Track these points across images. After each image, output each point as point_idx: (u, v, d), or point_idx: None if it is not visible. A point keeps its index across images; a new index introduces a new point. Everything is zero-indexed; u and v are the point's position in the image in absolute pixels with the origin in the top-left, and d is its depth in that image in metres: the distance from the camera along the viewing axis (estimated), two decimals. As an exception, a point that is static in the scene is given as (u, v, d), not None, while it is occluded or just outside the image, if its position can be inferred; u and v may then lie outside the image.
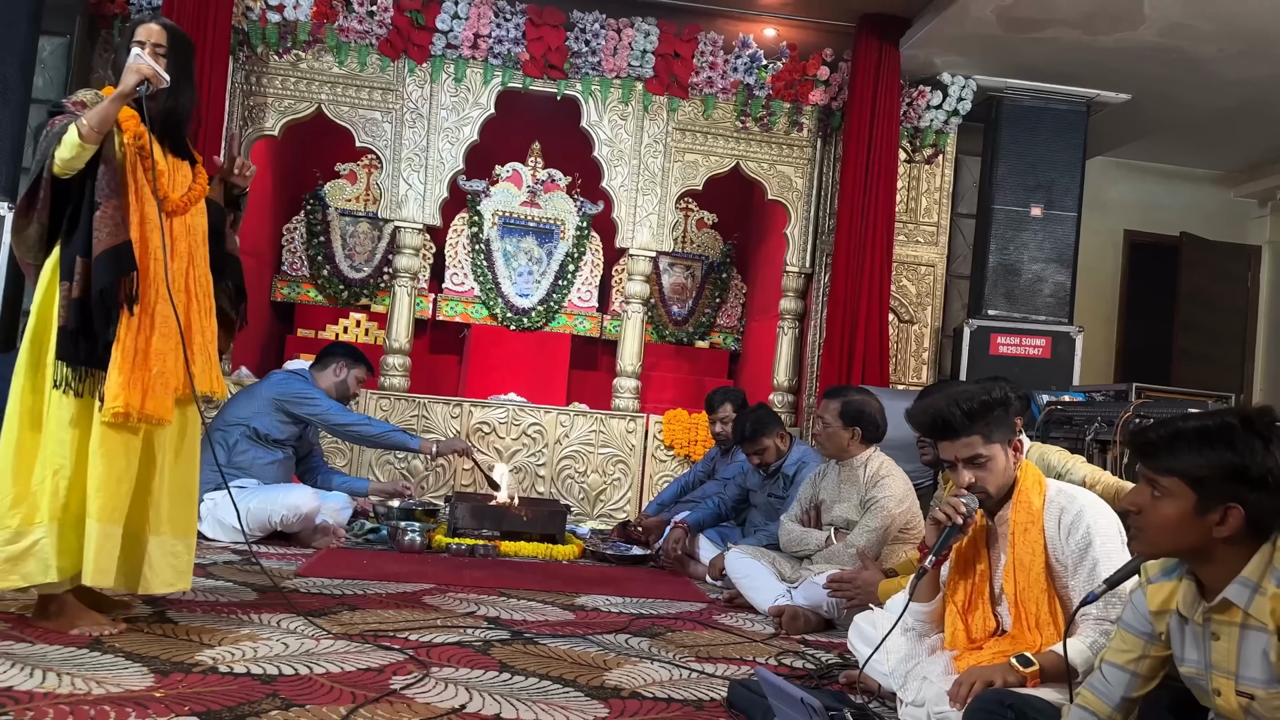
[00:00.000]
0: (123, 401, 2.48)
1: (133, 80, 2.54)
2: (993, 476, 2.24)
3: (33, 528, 2.49)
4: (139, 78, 2.55)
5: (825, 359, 5.80)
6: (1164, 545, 1.69)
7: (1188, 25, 5.10)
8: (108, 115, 2.53)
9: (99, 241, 2.50)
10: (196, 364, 2.68)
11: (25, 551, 2.48)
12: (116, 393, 2.49)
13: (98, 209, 2.53)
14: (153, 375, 2.56)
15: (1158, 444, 1.69)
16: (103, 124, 2.52)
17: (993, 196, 6.01)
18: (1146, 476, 1.70)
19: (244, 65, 5.65)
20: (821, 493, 3.72)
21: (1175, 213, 7.85)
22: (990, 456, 2.24)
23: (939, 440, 2.30)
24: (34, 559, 2.48)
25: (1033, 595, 2.17)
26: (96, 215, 2.52)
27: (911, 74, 5.96)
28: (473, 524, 4.61)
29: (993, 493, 2.25)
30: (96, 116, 2.51)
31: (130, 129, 2.60)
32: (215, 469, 3.92)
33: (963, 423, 2.23)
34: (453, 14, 5.61)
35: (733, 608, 3.66)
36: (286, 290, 6.75)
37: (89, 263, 2.51)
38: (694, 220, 7.31)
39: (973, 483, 2.25)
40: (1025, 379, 5.26)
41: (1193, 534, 1.64)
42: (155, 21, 2.72)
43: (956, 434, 2.25)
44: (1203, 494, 1.63)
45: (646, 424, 5.89)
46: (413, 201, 5.80)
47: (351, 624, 2.88)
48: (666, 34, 5.81)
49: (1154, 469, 1.69)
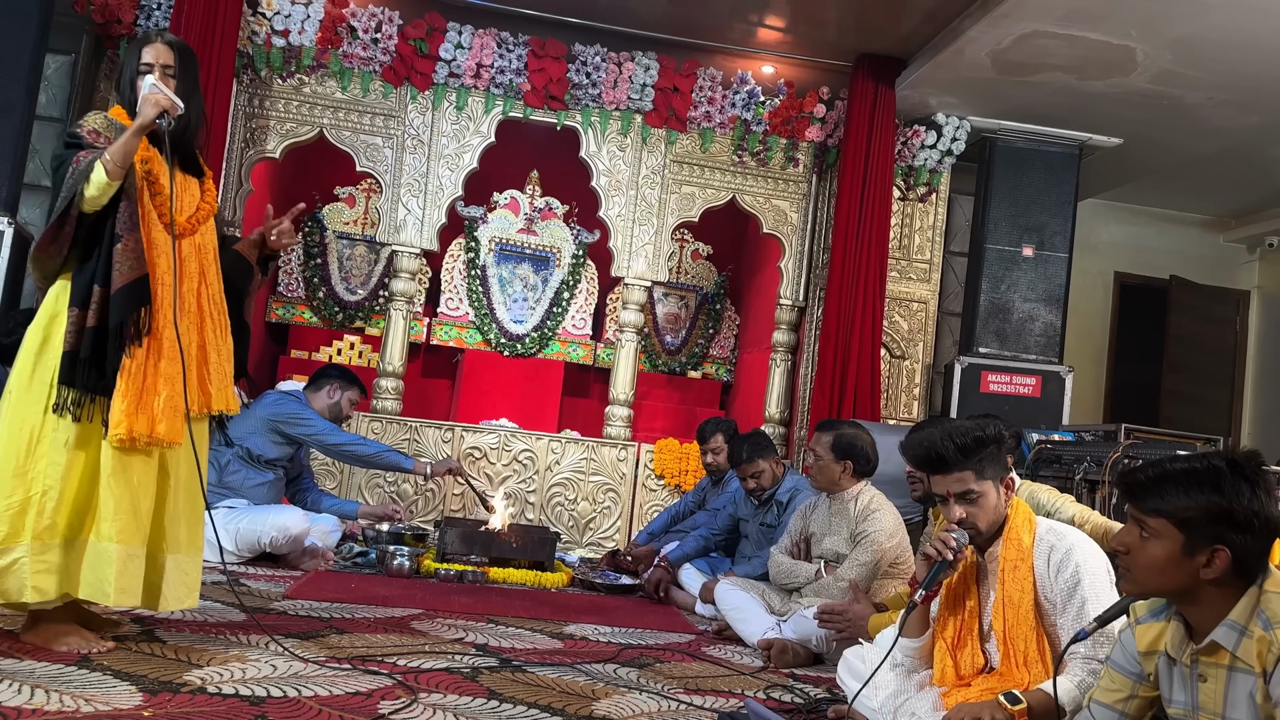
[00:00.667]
0: (126, 428, 2.49)
1: (152, 113, 2.56)
2: (983, 513, 2.26)
3: (14, 546, 2.48)
4: (158, 110, 2.56)
5: (817, 392, 5.83)
6: (1152, 586, 1.71)
7: (1178, 73, 5.20)
8: (130, 150, 2.54)
9: (120, 275, 2.52)
10: (213, 382, 2.69)
11: (4, 569, 2.47)
12: (120, 419, 2.49)
13: (119, 241, 2.54)
14: (163, 400, 2.56)
15: (1146, 485, 1.71)
16: (126, 159, 2.54)
17: (985, 236, 6.08)
18: (1135, 517, 1.73)
19: (247, 88, 5.69)
20: (812, 525, 3.74)
21: (1165, 255, 7.94)
22: (981, 493, 2.26)
23: (931, 474, 2.32)
24: (12, 576, 2.47)
25: (1021, 633, 2.18)
26: (117, 249, 2.53)
27: (906, 113, 6.05)
28: (462, 549, 4.60)
29: (982, 529, 2.27)
30: (120, 152, 2.52)
31: (138, 153, 2.61)
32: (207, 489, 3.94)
33: (955, 457, 2.25)
34: (456, 44, 5.68)
35: (721, 639, 3.66)
36: (281, 311, 6.77)
37: (107, 293, 2.51)
38: (689, 251, 7.36)
39: (963, 518, 2.27)
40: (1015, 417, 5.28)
41: (1180, 575, 1.66)
42: (161, 41, 2.72)
43: (949, 468, 2.26)
44: (1190, 535, 1.65)
45: (638, 453, 5.91)
46: (411, 226, 5.84)
47: (339, 647, 2.87)
48: (666, 69, 5.89)
49: (1142, 510, 1.71)
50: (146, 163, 2.64)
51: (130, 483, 2.54)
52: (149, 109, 2.56)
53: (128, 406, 2.50)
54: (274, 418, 4.46)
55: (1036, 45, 5.04)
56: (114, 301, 2.51)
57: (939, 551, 2.24)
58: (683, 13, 5.64)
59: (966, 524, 2.27)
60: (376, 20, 5.63)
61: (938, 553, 2.24)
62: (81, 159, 2.53)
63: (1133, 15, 4.65)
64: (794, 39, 5.85)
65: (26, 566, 2.47)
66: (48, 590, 2.49)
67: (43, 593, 2.48)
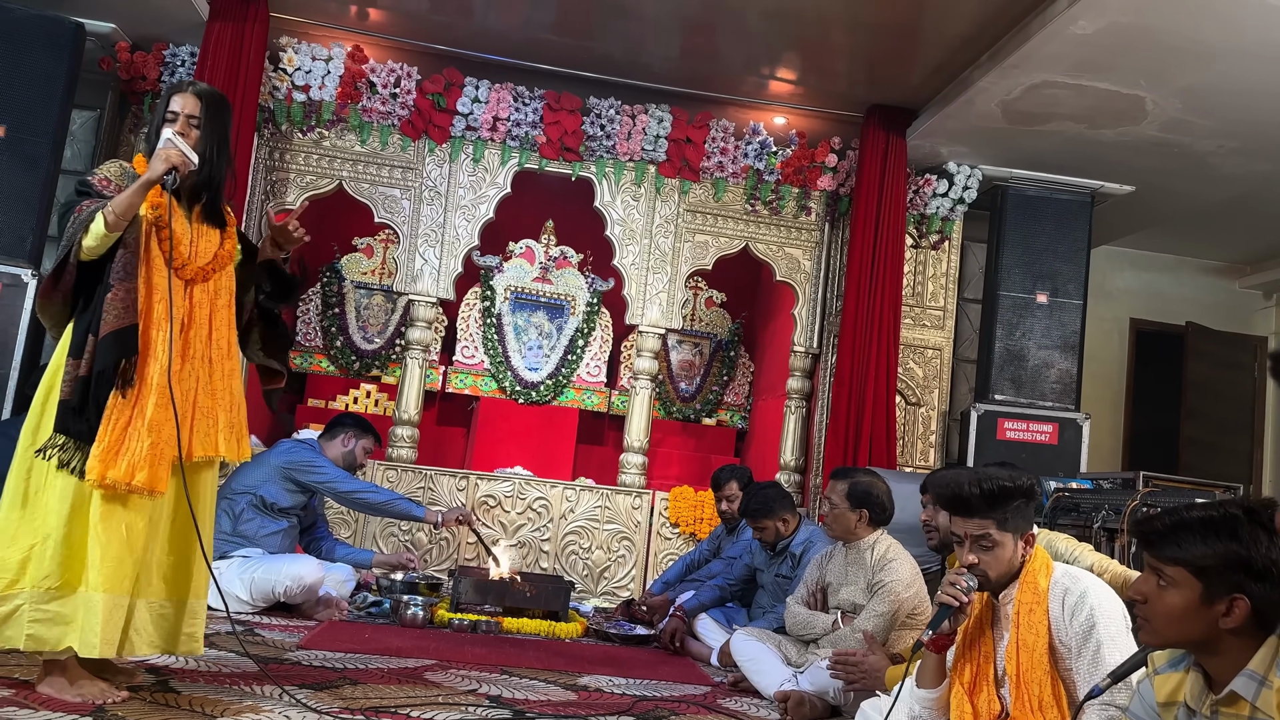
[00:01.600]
0: (98, 474, 2.48)
1: (160, 169, 2.58)
2: (995, 563, 2.26)
3: (16, 593, 2.50)
4: (167, 166, 2.58)
5: (831, 439, 5.82)
6: (1170, 635, 1.70)
7: (1188, 121, 5.24)
8: (134, 204, 2.56)
9: (106, 323, 2.53)
10: (221, 432, 2.71)
11: (6, 616, 2.49)
12: (94, 464, 2.49)
13: (110, 290, 2.55)
14: (147, 447, 2.54)
15: (1163, 533, 1.70)
16: (128, 212, 2.56)
17: (999, 282, 6.09)
18: (1152, 566, 1.72)
19: (268, 141, 5.81)
20: (828, 575, 3.71)
21: (1180, 302, 7.92)
22: (999, 543, 2.26)
23: (954, 514, 2.33)
24: (13, 624, 2.49)
25: (1035, 677, 2.16)
26: (108, 297, 2.55)
27: (918, 162, 6.10)
28: (476, 599, 4.58)
29: (992, 578, 2.27)
30: (123, 205, 2.54)
31: (150, 198, 2.64)
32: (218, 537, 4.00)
33: (979, 504, 2.25)
34: (473, 98, 5.79)
35: (737, 691, 3.62)
36: (299, 360, 6.83)
37: (96, 341, 2.53)
38: (703, 299, 7.40)
39: (973, 564, 2.27)
40: (1032, 465, 5.26)
41: (1199, 624, 1.65)
42: (191, 90, 2.73)
43: (972, 513, 2.27)
44: (1208, 584, 1.64)
45: (652, 500, 5.89)
46: (428, 276, 5.90)
47: (353, 698, 2.86)
48: (679, 120, 5.97)
49: (1159, 558, 1.70)
50: (157, 209, 2.65)
51: (118, 530, 2.53)
52: (158, 164, 2.59)
53: (103, 452, 2.50)
54: (287, 465, 4.48)
55: (1046, 95, 5.10)
56: (99, 348, 2.52)
57: (954, 598, 2.24)
58: (695, 66, 5.74)
59: (976, 570, 2.27)
60: (395, 76, 5.75)
61: (953, 599, 2.24)
62: (84, 208, 2.56)
63: (1141, 65, 4.71)
64: (805, 91, 5.93)
65: (26, 614, 2.48)
66: (45, 639, 2.49)
67: (40, 641, 2.49)
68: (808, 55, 5.50)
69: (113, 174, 2.68)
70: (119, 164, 2.73)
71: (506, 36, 5.65)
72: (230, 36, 5.32)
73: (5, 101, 4.89)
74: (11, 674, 2.65)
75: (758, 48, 5.47)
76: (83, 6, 5.18)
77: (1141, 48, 4.53)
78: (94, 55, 5.42)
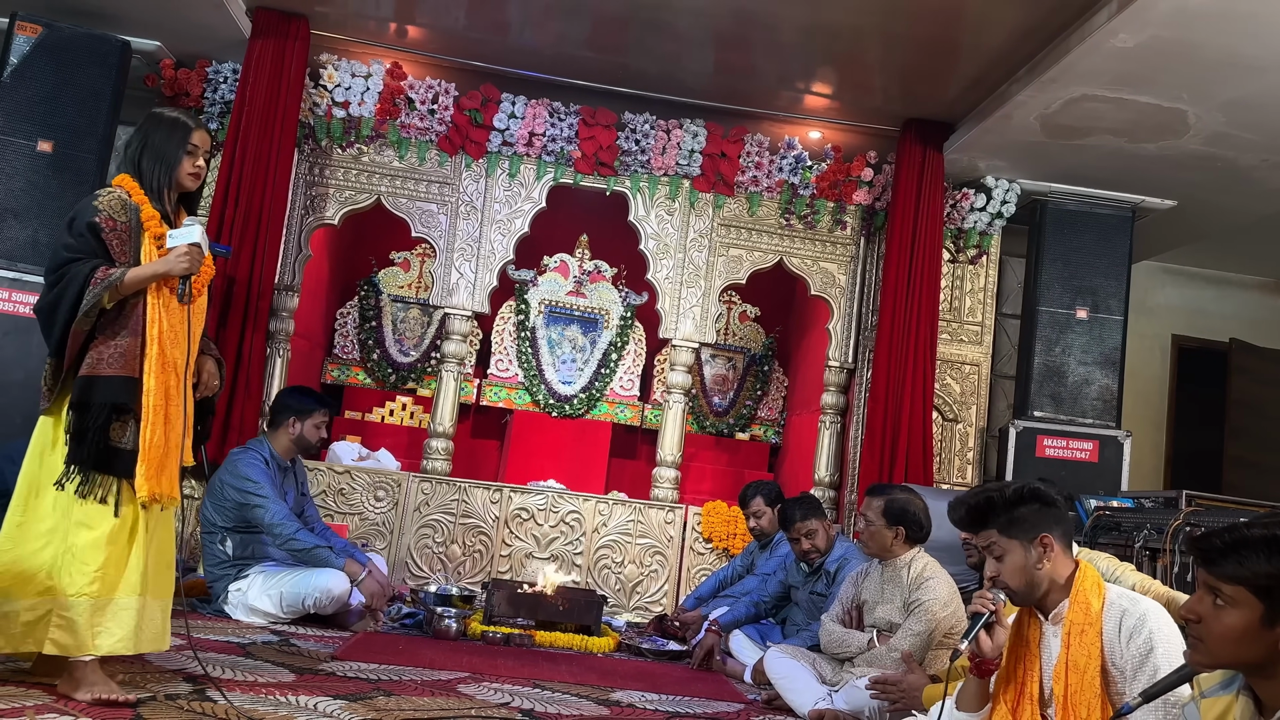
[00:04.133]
0: (148, 491, 2.65)
1: (180, 272, 2.72)
2: (1007, 571, 2.28)
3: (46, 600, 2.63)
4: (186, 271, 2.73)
5: (866, 455, 5.76)
6: (1224, 657, 1.64)
7: (1231, 135, 5.16)
8: (146, 283, 2.70)
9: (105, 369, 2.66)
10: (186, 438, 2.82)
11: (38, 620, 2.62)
12: (141, 483, 2.64)
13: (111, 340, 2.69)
14: (171, 464, 2.73)
15: (1223, 550, 1.64)
16: (136, 289, 2.70)
17: (1038, 298, 6.01)
18: (1208, 584, 1.66)
19: (308, 157, 5.89)
20: (864, 593, 3.67)
21: (1224, 319, 7.78)
22: (1005, 550, 2.28)
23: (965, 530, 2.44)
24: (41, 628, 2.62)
25: (1084, 699, 2.12)
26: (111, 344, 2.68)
27: (955, 176, 6.06)
28: (509, 612, 4.58)
29: (1013, 588, 2.27)
30: (134, 285, 2.68)
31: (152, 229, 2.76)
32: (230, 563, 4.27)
33: (974, 518, 2.33)
34: (510, 113, 5.84)
35: (771, 709, 3.59)
36: (336, 373, 6.90)
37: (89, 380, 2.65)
38: (736, 313, 7.39)
39: (993, 576, 2.30)
40: (1072, 483, 5.18)
41: (1257, 646, 1.59)
42: (205, 129, 2.89)
43: (972, 527, 2.34)
44: (1271, 604, 1.58)
45: (685, 515, 5.87)
46: (463, 289, 5.95)
47: (387, 710, 2.87)
48: (714, 135, 5.98)
49: (1217, 576, 1.64)
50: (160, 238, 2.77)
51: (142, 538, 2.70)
52: (180, 266, 2.72)
53: (148, 471, 2.65)
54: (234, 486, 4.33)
55: (1086, 109, 5.04)
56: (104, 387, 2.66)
57: (982, 605, 2.27)
58: (730, 82, 5.75)
59: (999, 582, 2.29)
60: (433, 92, 5.82)
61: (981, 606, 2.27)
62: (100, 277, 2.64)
63: (1183, 79, 4.64)
64: (840, 105, 5.91)
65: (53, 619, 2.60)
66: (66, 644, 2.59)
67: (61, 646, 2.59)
68: (843, 69, 5.49)
69: (116, 213, 2.73)
70: (116, 196, 2.76)
71: (542, 53, 5.70)
72: (272, 54, 5.42)
73: (54, 118, 5.00)
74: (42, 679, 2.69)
75: (792, 62, 5.47)
76: (129, 25, 5.29)
77: (1183, 61, 4.47)
78: (139, 72, 5.54)
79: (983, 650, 2.26)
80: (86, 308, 2.62)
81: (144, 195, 2.79)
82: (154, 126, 2.84)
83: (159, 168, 2.80)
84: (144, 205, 2.77)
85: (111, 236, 2.70)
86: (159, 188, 2.81)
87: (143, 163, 2.81)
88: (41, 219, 4.97)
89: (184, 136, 2.81)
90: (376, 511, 5.66)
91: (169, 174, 2.81)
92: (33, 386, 4.76)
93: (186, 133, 2.82)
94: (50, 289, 2.69)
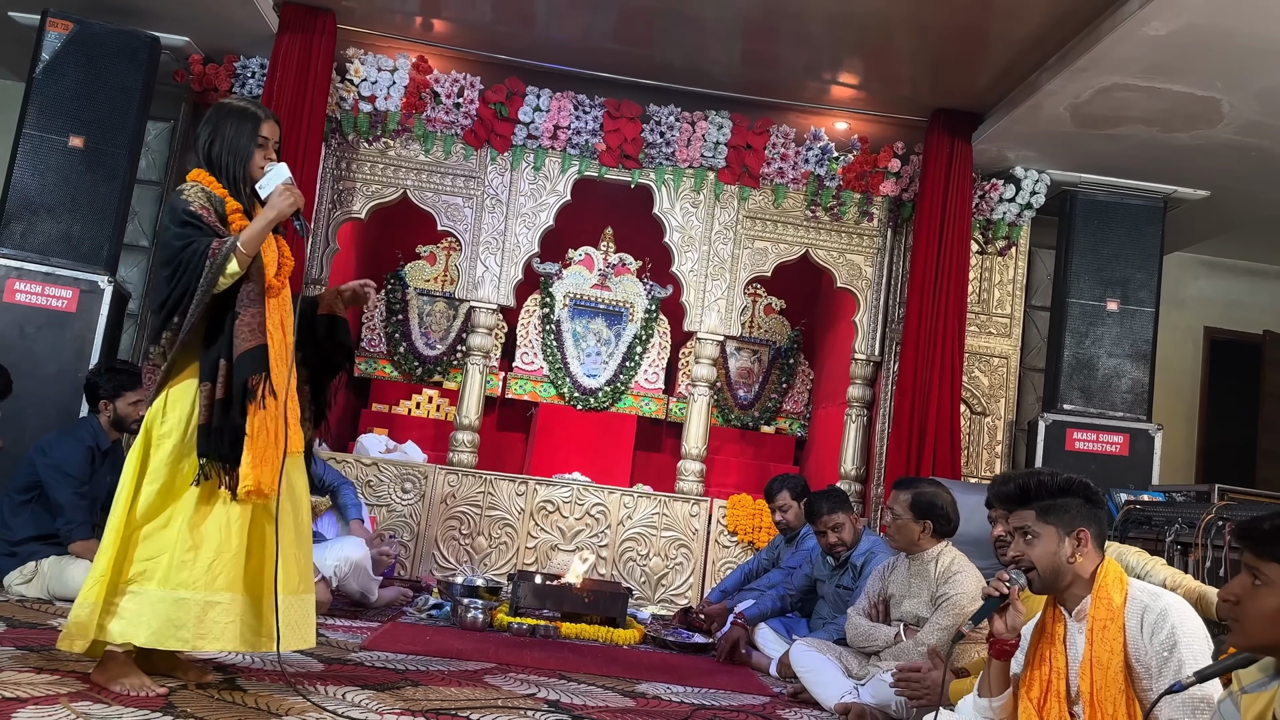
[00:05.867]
0: (253, 480, 2.59)
1: (289, 210, 2.69)
2: (1034, 553, 2.28)
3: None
4: (295, 207, 2.70)
5: (893, 449, 5.73)
6: (1263, 637, 1.62)
7: (1266, 124, 5.07)
8: (262, 238, 2.67)
9: (238, 346, 2.63)
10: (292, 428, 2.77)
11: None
12: (247, 472, 2.60)
13: (238, 317, 2.65)
14: (277, 453, 2.67)
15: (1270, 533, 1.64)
16: (256, 247, 2.67)
17: (1067, 290, 5.94)
18: (1249, 565, 1.65)
19: (335, 151, 5.92)
20: (890, 586, 3.65)
21: (1258, 310, 7.66)
22: (1039, 534, 2.28)
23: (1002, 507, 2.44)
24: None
25: (1110, 695, 2.10)
26: (238, 322, 2.65)
27: (984, 167, 6.00)
28: (534, 603, 4.60)
29: (1040, 575, 2.28)
30: (253, 242, 2.65)
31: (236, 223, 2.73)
32: None
33: (1017, 496, 2.34)
34: (535, 107, 5.84)
35: (797, 703, 3.58)
36: (364, 366, 6.94)
37: (230, 365, 2.63)
38: (762, 306, 7.36)
39: (1018, 556, 2.30)
40: (1102, 476, 5.13)
41: None
42: (273, 119, 2.83)
43: (1011, 505, 2.35)
44: None
45: (710, 508, 5.86)
46: (488, 283, 5.96)
47: (414, 700, 2.89)
48: (739, 126, 5.95)
49: (1260, 555, 1.63)
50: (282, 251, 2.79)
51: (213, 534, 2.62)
52: (287, 205, 2.69)
53: (253, 462, 2.60)
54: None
55: (1117, 98, 4.97)
56: (235, 367, 2.62)
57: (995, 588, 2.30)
58: (755, 73, 5.72)
59: (1023, 562, 2.29)
60: (459, 86, 5.83)
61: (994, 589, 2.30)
62: (218, 250, 2.62)
63: (1216, 67, 4.57)
64: (868, 96, 5.87)
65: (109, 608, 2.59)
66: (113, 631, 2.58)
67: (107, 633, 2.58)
68: (870, 59, 5.45)
69: (203, 201, 2.72)
70: (197, 189, 2.74)
71: (567, 46, 5.69)
72: (299, 48, 5.45)
73: (85, 113, 5.06)
74: (84, 669, 2.73)
75: (819, 53, 5.43)
76: (158, 21, 5.34)
77: (1217, 49, 4.40)
78: (168, 68, 5.59)
79: (995, 630, 2.27)
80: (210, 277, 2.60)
81: (223, 189, 2.76)
82: (223, 118, 2.79)
83: (233, 161, 2.76)
84: (226, 198, 2.75)
85: (210, 222, 2.69)
86: (235, 180, 2.77)
87: (215, 155, 2.78)
88: (74, 214, 5.03)
89: (254, 129, 2.77)
90: (404, 503, 5.70)
91: (243, 167, 2.77)
92: (66, 380, 4.88)
93: (256, 124, 2.77)
94: (170, 279, 2.66)
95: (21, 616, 3.49)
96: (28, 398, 4.61)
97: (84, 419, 4.40)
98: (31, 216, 5.00)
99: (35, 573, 3.97)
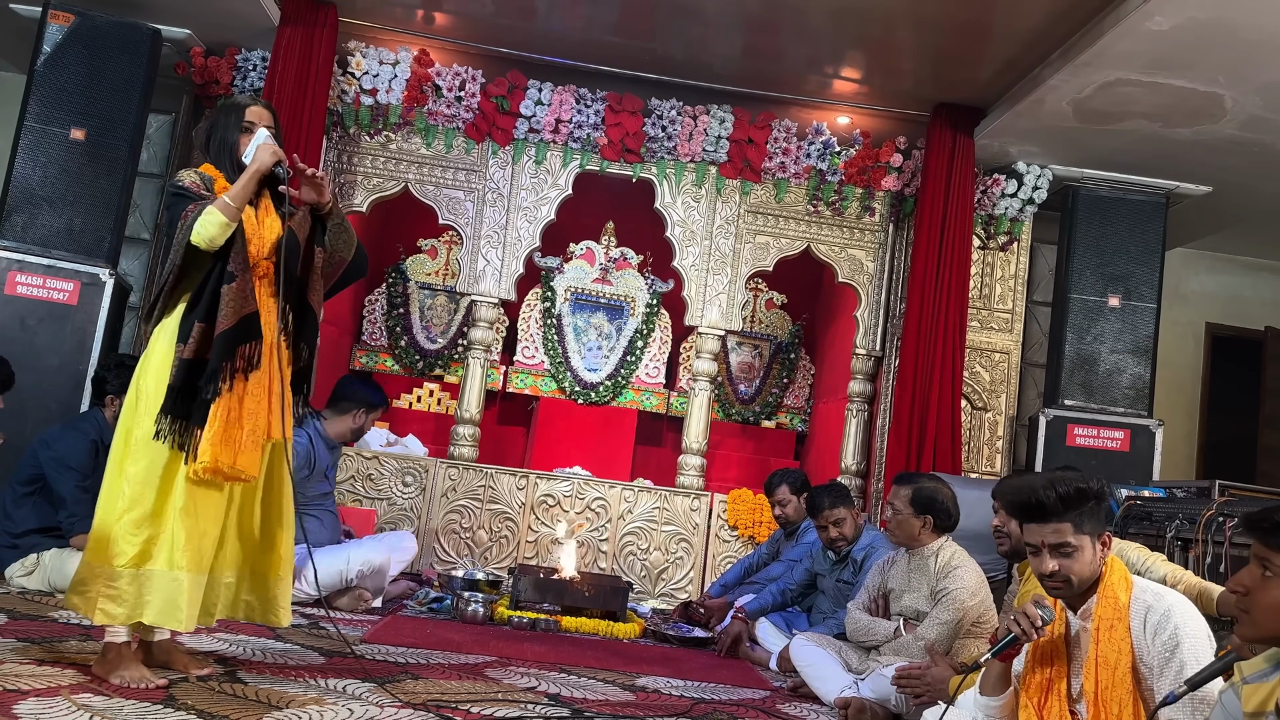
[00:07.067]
0: (211, 456, 2.60)
1: (270, 160, 2.74)
2: (1077, 567, 2.19)
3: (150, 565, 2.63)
4: (275, 158, 2.75)
5: (893, 444, 5.73)
6: (1270, 628, 1.62)
7: (1268, 119, 5.06)
8: (248, 193, 2.73)
9: (225, 315, 2.65)
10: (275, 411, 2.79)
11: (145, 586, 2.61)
12: (205, 448, 2.61)
13: (231, 282, 2.68)
14: (245, 433, 2.68)
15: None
16: (244, 201, 2.72)
17: (1069, 285, 5.93)
18: (1259, 556, 1.65)
19: (336, 144, 5.92)
20: (890, 581, 3.65)
21: (1259, 306, 7.65)
22: (1078, 547, 2.20)
23: (1027, 521, 2.26)
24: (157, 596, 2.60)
25: (1116, 695, 2.09)
26: (226, 288, 2.67)
27: (986, 162, 5.99)
28: (535, 597, 4.61)
29: (1075, 585, 2.20)
30: (240, 195, 2.71)
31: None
32: None
33: (1056, 507, 2.18)
34: (536, 100, 5.83)
35: (797, 697, 3.58)
36: (365, 359, 6.95)
37: (207, 329, 2.65)
38: (763, 300, 7.36)
39: (1055, 570, 2.20)
40: (1103, 472, 5.12)
41: None
42: (259, 104, 2.91)
43: (1047, 518, 2.20)
44: None
45: (710, 503, 5.87)
46: (490, 277, 5.96)
47: (415, 693, 2.90)
48: (741, 121, 5.95)
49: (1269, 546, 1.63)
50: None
51: (199, 513, 2.66)
52: (267, 156, 2.75)
53: (214, 438, 2.62)
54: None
55: (1120, 93, 4.96)
56: (226, 335, 2.64)
57: (1024, 631, 2.20)
58: (757, 66, 5.71)
59: (1059, 577, 2.20)
60: (460, 79, 5.82)
61: (1022, 631, 2.20)
62: (190, 212, 2.68)
63: (1219, 62, 4.56)
64: (870, 90, 5.86)
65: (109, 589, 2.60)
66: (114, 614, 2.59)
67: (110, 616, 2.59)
68: (872, 53, 5.44)
69: (197, 180, 2.81)
70: (194, 172, 2.84)
71: (569, 39, 5.69)
72: (300, 41, 5.44)
73: (87, 106, 5.05)
74: (86, 660, 2.73)
75: (821, 47, 5.42)
76: (160, 13, 5.33)
77: (1220, 44, 4.39)
78: (169, 60, 5.58)
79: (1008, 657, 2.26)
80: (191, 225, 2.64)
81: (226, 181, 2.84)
82: (218, 116, 2.94)
83: (222, 151, 2.88)
84: (218, 178, 2.83)
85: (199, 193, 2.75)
86: (230, 170, 2.86)
87: (213, 152, 2.90)
88: (75, 206, 5.03)
89: (239, 116, 2.88)
90: (404, 497, 5.70)
91: (230, 154, 2.87)
92: (67, 373, 4.88)
93: (240, 112, 2.88)
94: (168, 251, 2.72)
95: (23, 608, 3.49)
96: (29, 391, 4.60)
97: (88, 412, 4.41)
98: (33, 209, 4.99)
99: (37, 565, 3.98)
